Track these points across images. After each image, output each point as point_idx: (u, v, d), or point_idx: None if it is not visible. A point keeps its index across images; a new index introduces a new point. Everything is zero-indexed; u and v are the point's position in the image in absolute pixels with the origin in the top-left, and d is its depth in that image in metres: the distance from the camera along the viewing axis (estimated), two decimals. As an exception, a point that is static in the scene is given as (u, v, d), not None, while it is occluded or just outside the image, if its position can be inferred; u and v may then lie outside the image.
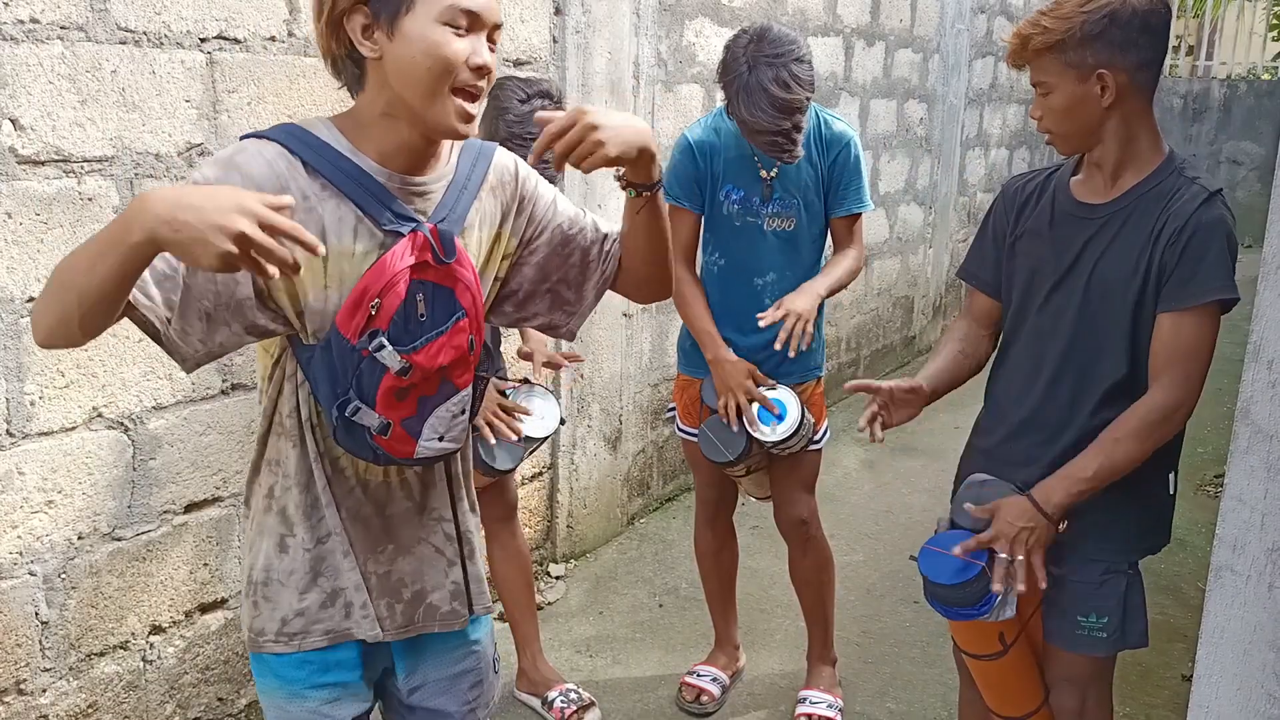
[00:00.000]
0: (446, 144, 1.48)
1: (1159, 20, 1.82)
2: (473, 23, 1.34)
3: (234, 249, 1.12)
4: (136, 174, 2.28)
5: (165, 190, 1.17)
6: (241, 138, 1.39)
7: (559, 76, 3.43)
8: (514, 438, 2.51)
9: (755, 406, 2.61)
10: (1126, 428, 1.83)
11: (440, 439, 1.48)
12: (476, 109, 1.38)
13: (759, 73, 2.36)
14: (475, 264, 1.49)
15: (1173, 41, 11.51)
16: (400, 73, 1.34)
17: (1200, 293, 1.78)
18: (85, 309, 1.22)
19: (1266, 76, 11.26)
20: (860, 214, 2.69)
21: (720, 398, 2.65)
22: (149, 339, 1.32)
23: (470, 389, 1.51)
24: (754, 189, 2.61)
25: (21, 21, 2.05)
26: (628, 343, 3.94)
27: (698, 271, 2.78)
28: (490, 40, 1.39)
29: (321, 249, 1.21)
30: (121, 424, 2.35)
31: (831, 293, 2.61)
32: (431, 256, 1.40)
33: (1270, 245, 1.27)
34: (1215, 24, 12.00)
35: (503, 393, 2.56)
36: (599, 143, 1.36)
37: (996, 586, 1.88)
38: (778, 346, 2.46)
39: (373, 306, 1.36)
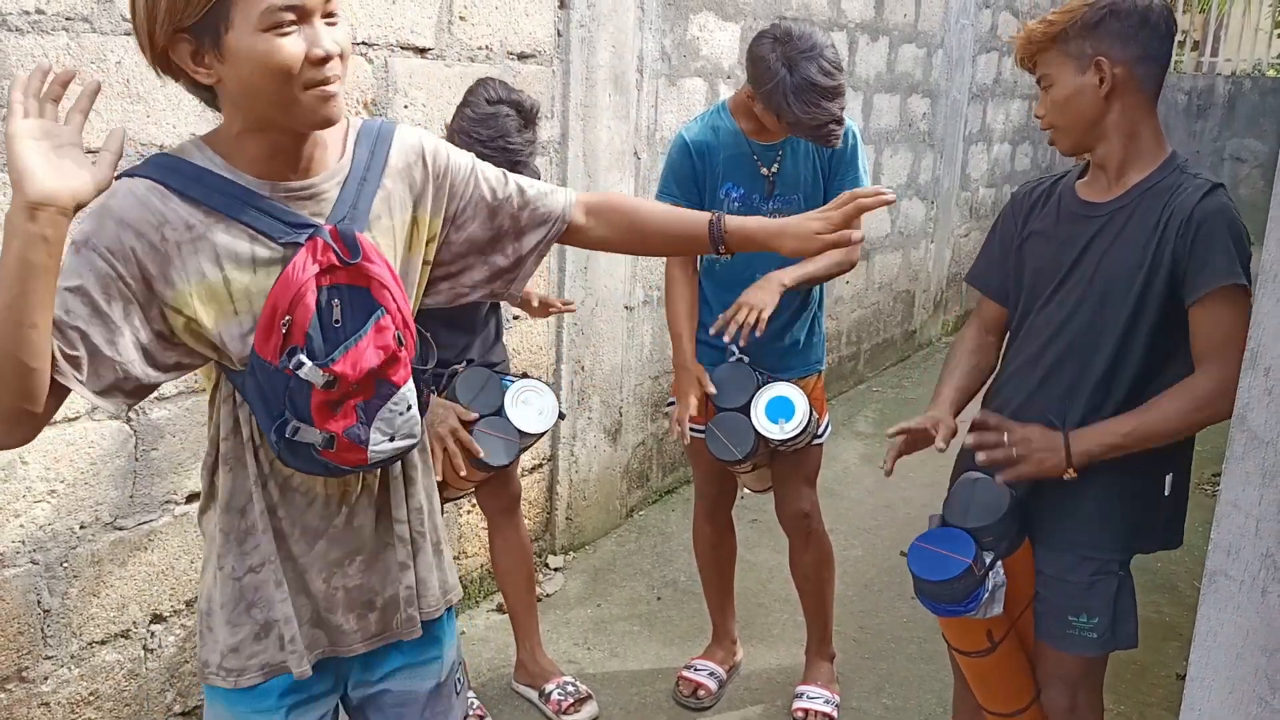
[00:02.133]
0: (336, 139, 1.41)
1: (1160, 17, 1.85)
2: (300, 15, 1.25)
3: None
4: (140, 165, 2.29)
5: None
6: (117, 176, 1.31)
7: (563, 70, 3.43)
8: (456, 472, 2.46)
9: (764, 402, 2.62)
10: (1171, 400, 1.83)
11: (391, 439, 1.41)
12: (335, 88, 1.30)
13: (801, 70, 2.35)
14: (392, 254, 1.43)
15: (1178, 37, 11.49)
16: (243, 91, 1.27)
17: (1212, 279, 1.80)
18: (20, 346, 1.17)
19: (1272, 73, 11.23)
20: None
21: (678, 403, 2.67)
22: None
23: (412, 383, 1.44)
24: (755, 186, 2.62)
25: (27, 12, 2.05)
26: (629, 335, 3.95)
27: (699, 268, 2.78)
28: (328, 20, 1.28)
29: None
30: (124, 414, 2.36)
31: (800, 283, 2.57)
32: (336, 259, 1.34)
33: (1269, 253, 1.27)
34: (1221, 20, 11.97)
35: (467, 422, 2.49)
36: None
37: (980, 455, 1.93)
38: (726, 339, 2.47)
39: (284, 324, 1.31)
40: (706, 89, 4.21)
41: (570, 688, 2.88)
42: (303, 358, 1.31)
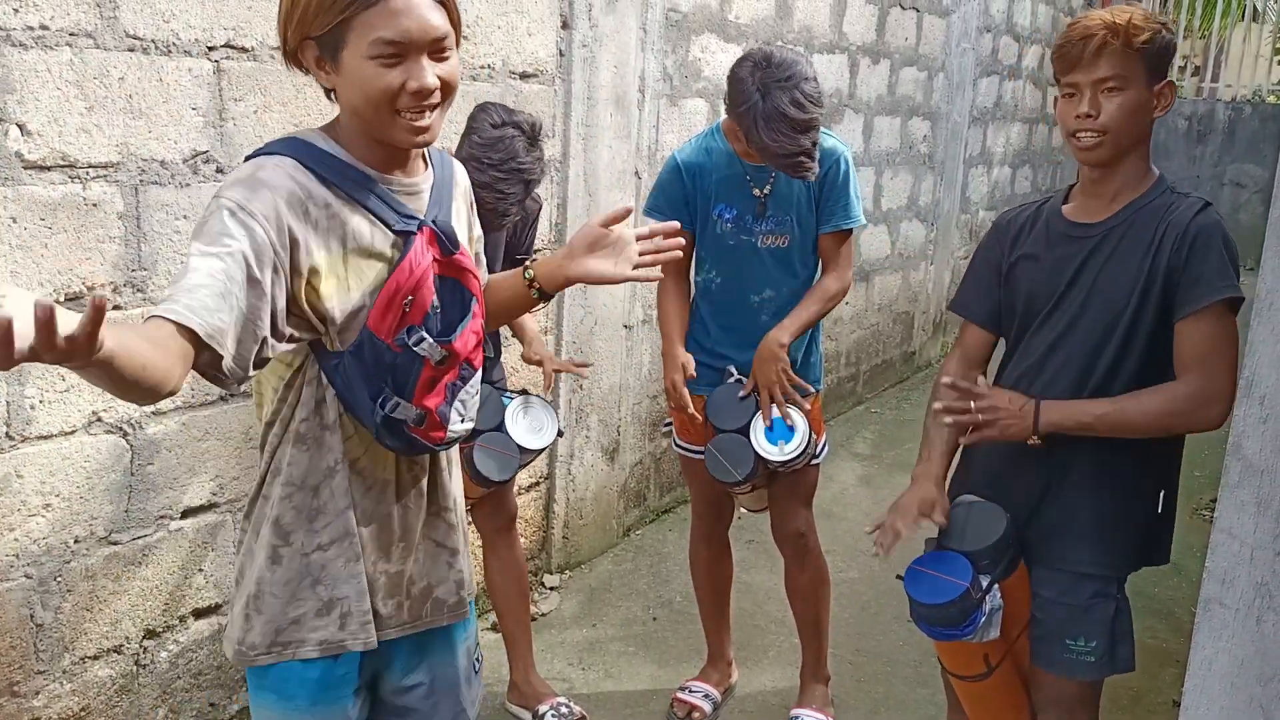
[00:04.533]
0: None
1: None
2: (402, 50, 1.37)
3: None
4: (141, 180, 2.30)
5: None
6: (247, 157, 1.44)
7: (564, 90, 3.45)
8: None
9: (763, 423, 2.62)
10: (1147, 396, 1.85)
11: (463, 419, 1.56)
12: (429, 119, 1.42)
13: (773, 97, 2.36)
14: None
15: (1179, 62, 11.55)
16: (348, 102, 1.42)
17: (1208, 293, 1.81)
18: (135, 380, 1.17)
19: (1272, 99, 11.29)
20: (849, 231, 2.69)
21: (668, 392, 2.69)
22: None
23: (482, 368, 1.60)
24: (747, 207, 2.62)
25: (31, 28, 2.06)
26: (627, 354, 3.95)
27: (694, 289, 2.79)
28: (437, 55, 1.41)
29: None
30: (120, 429, 2.36)
31: (798, 335, 2.62)
32: (439, 250, 1.49)
33: (1264, 283, 1.28)
34: (1221, 46, 12.03)
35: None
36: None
37: (947, 418, 1.94)
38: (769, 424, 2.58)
39: (405, 304, 1.44)
40: (708, 109, 4.23)
41: (564, 709, 2.87)
42: (424, 334, 1.45)
